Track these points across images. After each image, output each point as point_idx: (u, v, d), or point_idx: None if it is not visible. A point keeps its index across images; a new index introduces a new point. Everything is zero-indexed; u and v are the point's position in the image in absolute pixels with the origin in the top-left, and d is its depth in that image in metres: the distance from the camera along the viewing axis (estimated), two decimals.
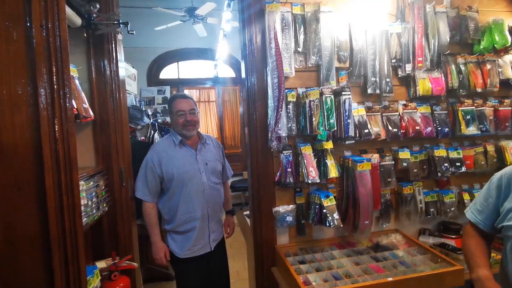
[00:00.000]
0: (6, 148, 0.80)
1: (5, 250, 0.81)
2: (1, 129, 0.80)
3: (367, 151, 1.87)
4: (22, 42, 0.77)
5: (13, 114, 0.81)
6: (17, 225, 0.81)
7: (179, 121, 1.78)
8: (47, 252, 0.80)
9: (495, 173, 1.21)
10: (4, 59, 0.79)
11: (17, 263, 0.82)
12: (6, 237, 0.81)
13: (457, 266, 1.49)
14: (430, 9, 1.86)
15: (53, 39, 0.80)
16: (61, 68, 0.82)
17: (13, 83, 0.78)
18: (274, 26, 1.65)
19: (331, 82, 1.75)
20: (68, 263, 0.81)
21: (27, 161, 0.80)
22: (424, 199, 1.92)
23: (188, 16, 4.07)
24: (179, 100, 1.82)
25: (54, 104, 0.81)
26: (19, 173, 0.81)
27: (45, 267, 0.81)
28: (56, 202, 0.80)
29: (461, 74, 1.91)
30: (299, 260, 1.66)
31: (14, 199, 0.83)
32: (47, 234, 0.80)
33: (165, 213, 1.81)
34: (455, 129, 1.91)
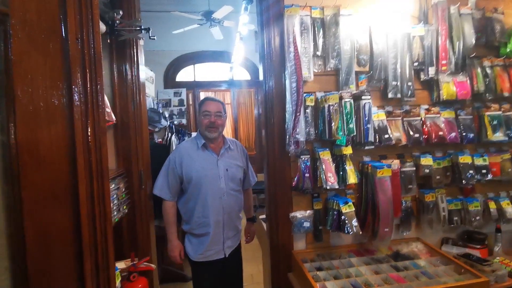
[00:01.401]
0: (43, 159, 0.83)
1: (40, 256, 0.85)
2: (39, 141, 0.83)
3: (387, 156, 1.83)
4: (58, 54, 0.80)
5: (50, 126, 0.84)
6: (52, 232, 0.83)
7: (203, 122, 1.80)
8: (79, 259, 0.82)
9: None
10: (41, 72, 0.82)
11: (51, 268, 0.85)
12: (42, 242, 0.85)
13: (482, 278, 1.43)
14: (455, 10, 1.81)
15: (88, 52, 0.83)
16: (95, 80, 0.85)
17: (49, 95, 0.81)
18: (293, 30, 1.64)
19: (351, 86, 1.72)
20: (99, 270, 0.83)
21: (63, 171, 0.83)
22: (447, 207, 1.85)
23: (205, 20, 4.11)
24: (208, 101, 1.85)
25: (88, 115, 0.83)
26: (55, 183, 0.84)
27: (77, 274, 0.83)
28: (88, 210, 0.82)
29: (487, 78, 1.84)
30: (317, 267, 1.63)
31: (50, 206, 0.86)
32: (80, 241, 0.82)
33: (183, 213, 1.83)
34: (481, 135, 1.84)
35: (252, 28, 4.04)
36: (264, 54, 1.76)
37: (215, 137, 1.82)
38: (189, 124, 6.18)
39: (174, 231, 1.81)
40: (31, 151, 0.83)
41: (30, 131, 0.84)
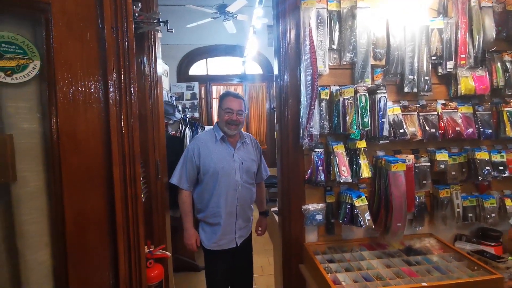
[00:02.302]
0: (79, 142, 0.88)
1: (76, 233, 0.90)
2: (76, 125, 0.88)
3: (401, 151, 1.82)
4: (94, 42, 0.84)
5: (87, 111, 0.88)
6: (87, 211, 0.88)
7: (224, 118, 1.84)
8: (113, 238, 0.87)
9: None
10: (78, 58, 0.86)
11: (87, 245, 0.90)
12: (78, 221, 0.91)
13: (496, 275, 1.42)
14: (475, 3, 1.76)
15: (122, 40, 0.86)
16: (128, 67, 0.88)
17: (87, 81, 0.84)
18: (309, 23, 1.64)
19: (366, 80, 1.71)
20: (131, 249, 0.87)
21: (97, 154, 0.88)
22: (462, 203, 1.83)
23: (219, 13, 4.13)
24: (231, 98, 1.87)
25: (122, 102, 0.87)
26: (91, 165, 0.89)
27: (111, 251, 0.88)
28: (122, 192, 0.87)
29: (508, 73, 1.79)
30: (328, 259, 1.65)
31: (86, 188, 0.91)
32: (113, 221, 0.87)
33: (198, 203, 1.88)
34: (499, 131, 1.80)
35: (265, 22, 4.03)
36: (279, 47, 1.77)
37: (234, 134, 1.86)
38: (201, 118, 6.25)
39: (191, 220, 1.87)
40: (70, 135, 0.87)
41: (69, 116, 0.88)
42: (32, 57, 0.89)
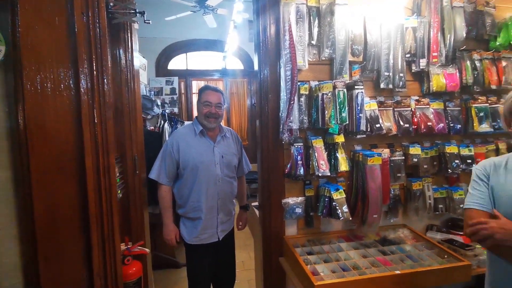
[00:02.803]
0: (49, 131, 0.84)
1: (48, 227, 0.86)
2: (45, 113, 0.83)
3: (377, 145, 1.88)
4: (64, 28, 0.79)
5: (56, 98, 0.83)
6: (59, 204, 0.86)
7: (203, 111, 1.82)
8: (86, 230, 0.84)
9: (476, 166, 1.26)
10: (46, 44, 0.81)
11: (58, 237, 0.86)
12: (49, 214, 0.87)
13: (464, 262, 1.50)
14: (447, 3, 1.84)
15: (93, 26, 0.82)
16: (100, 55, 0.84)
17: (55, 68, 0.80)
18: (289, 18, 1.65)
19: (344, 75, 1.75)
20: (105, 240, 0.85)
21: (68, 143, 0.84)
22: (433, 195, 1.92)
23: (199, 7, 4.06)
24: (209, 91, 1.86)
25: (94, 89, 0.83)
26: (61, 155, 0.86)
27: (84, 244, 0.85)
28: (95, 183, 0.84)
29: (476, 71, 1.89)
30: (307, 251, 1.68)
31: (56, 179, 0.87)
32: (86, 213, 0.84)
33: (178, 198, 1.86)
34: (468, 126, 1.90)
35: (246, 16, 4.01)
36: (259, 42, 1.77)
37: (213, 127, 1.84)
38: (181, 113, 6.14)
39: (170, 215, 1.85)
40: (38, 122, 0.83)
41: (37, 104, 0.84)
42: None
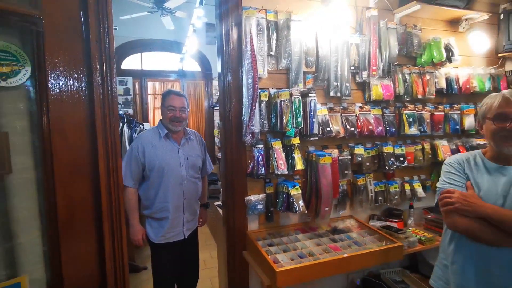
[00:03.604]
0: (69, 138, 1.00)
1: (68, 218, 1.02)
2: (65, 123, 0.96)
3: (328, 146, 2.12)
4: (80, 52, 0.86)
5: (74, 111, 1.00)
6: (77, 199, 0.98)
7: (168, 115, 1.89)
8: (99, 221, 0.92)
9: (448, 161, 1.32)
10: (67, 66, 0.87)
11: (76, 228, 1.01)
12: (69, 208, 1.02)
13: (398, 243, 1.79)
14: (383, 24, 2.15)
15: (104, 51, 0.89)
16: (110, 75, 0.93)
17: (74, 87, 0.91)
18: (250, 30, 1.80)
19: (299, 84, 1.95)
20: (114, 229, 0.92)
21: (84, 148, 0.91)
22: (374, 189, 2.22)
23: (156, 8, 4.02)
24: (173, 96, 1.92)
25: (105, 105, 0.90)
26: (79, 158, 0.97)
27: (97, 232, 0.93)
28: (106, 182, 0.91)
29: (406, 83, 2.23)
30: (268, 243, 1.85)
31: (75, 177, 1.01)
32: (99, 206, 0.92)
33: (144, 199, 1.90)
34: (400, 129, 2.23)
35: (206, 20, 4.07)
36: (222, 48, 1.88)
37: (178, 130, 1.91)
38: (136, 114, 5.96)
39: (137, 216, 1.87)
40: (60, 133, 0.95)
41: (58, 115, 0.98)
42: (23, 63, 1.01)
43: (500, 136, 1.15)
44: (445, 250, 1.32)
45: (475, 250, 1.17)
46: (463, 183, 1.22)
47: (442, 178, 1.29)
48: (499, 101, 1.16)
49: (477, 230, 1.12)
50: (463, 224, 1.14)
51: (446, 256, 1.31)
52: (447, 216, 1.20)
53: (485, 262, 1.16)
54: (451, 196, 1.17)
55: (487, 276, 1.16)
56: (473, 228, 1.12)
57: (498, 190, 1.16)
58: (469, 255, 1.20)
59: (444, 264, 1.32)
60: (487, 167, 1.23)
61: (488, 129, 1.20)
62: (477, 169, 1.24)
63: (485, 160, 1.25)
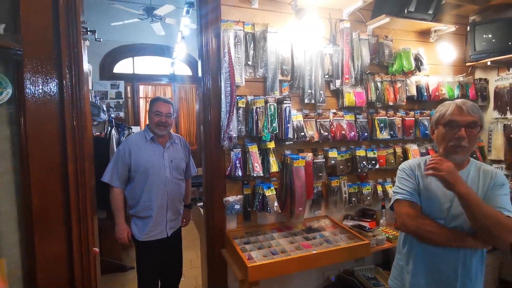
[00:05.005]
0: (44, 145, 1.17)
1: (41, 213, 1.20)
2: (42, 134, 1.09)
3: (304, 150, 2.24)
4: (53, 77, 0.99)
5: (48, 123, 1.17)
6: (49, 196, 1.11)
7: (154, 120, 2.01)
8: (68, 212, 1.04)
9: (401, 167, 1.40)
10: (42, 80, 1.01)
11: (48, 221, 1.17)
12: (43, 204, 1.21)
13: (365, 241, 1.92)
14: (356, 36, 2.29)
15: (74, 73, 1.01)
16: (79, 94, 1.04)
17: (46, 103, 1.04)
18: (228, 42, 1.93)
19: (275, 92, 2.08)
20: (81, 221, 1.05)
21: (55, 151, 1.06)
22: (348, 190, 2.35)
23: (146, 15, 4.14)
24: (160, 102, 2.05)
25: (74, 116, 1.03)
26: (51, 159, 1.12)
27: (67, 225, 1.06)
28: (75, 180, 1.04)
29: (378, 90, 2.38)
30: (245, 242, 1.96)
31: (48, 177, 1.20)
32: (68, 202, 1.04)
33: (130, 199, 2.01)
34: (373, 134, 2.37)
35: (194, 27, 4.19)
36: (202, 58, 2.01)
37: (163, 134, 2.03)
38: (128, 118, 6.05)
39: (122, 215, 1.99)
40: (36, 141, 1.13)
41: (35, 127, 1.18)
42: (5, 86, 1.21)
43: (450, 145, 1.22)
44: (400, 251, 1.41)
45: (425, 250, 1.27)
46: (414, 189, 1.30)
47: (396, 184, 1.39)
48: (452, 108, 1.24)
49: (424, 232, 1.21)
50: (412, 225, 1.24)
51: (401, 256, 1.40)
52: (398, 218, 1.30)
53: (434, 262, 1.26)
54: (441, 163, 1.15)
55: (437, 275, 1.26)
56: (421, 230, 1.22)
57: (445, 194, 1.24)
58: (420, 255, 1.29)
59: (400, 264, 1.41)
60: None
61: (439, 134, 1.28)
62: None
63: None
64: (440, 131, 1.27)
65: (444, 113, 1.27)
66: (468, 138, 1.20)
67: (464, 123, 1.20)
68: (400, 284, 1.39)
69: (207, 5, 1.98)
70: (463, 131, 1.20)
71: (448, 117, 1.24)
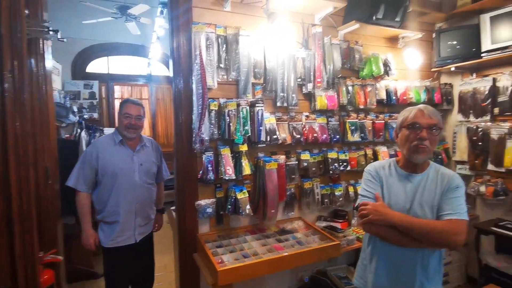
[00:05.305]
0: None
1: None
2: None
3: (277, 153, 2.26)
4: None
5: None
6: None
7: (124, 122, 1.95)
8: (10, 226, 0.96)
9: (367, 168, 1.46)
10: None
11: None
12: None
13: (336, 242, 1.95)
14: (328, 40, 2.34)
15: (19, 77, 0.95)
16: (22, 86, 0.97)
17: None
18: (199, 45, 1.91)
19: (248, 95, 2.08)
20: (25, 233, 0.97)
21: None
22: (321, 192, 2.39)
23: (120, 14, 4.03)
24: (130, 104, 1.99)
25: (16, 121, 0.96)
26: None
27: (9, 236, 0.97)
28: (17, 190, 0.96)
29: (349, 94, 2.44)
30: (217, 245, 1.95)
31: None
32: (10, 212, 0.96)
33: (97, 204, 1.94)
34: (344, 137, 2.43)
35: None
36: (174, 61, 1.98)
37: (133, 137, 1.98)
38: (102, 119, 5.86)
39: (89, 221, 1.91)
40: None
41: None
42: None
43: (412, 145, 1.29)
44: (365, 250, 1.47)
45: (387, 250, 1.33)
46: (378, 189, 1.37)
47: (362, 185, 1.44)
48: (415, 112, 1.32)
49: (385, 233, 1.28)
50: (375, 228, 1.30)
51: (365, 256, 1.45)
52: (363, 223, 1.33)
53: (394, 261, 1.32)
54: (365, 208, 1.29)
55: (397, 275, 1.32)
56: (382, 231, 1.28)
57: (406, 195, 1.32)
58: (382, 255, 1.35)
59: (364, 264, 1.46)
60: (399, 174, 1.38)
61: (402, 136, 1.34)
62: (391, 175, 1.40)
63: (397, 168, 1.41)
64: (404, 133, 1.34)
65: (407, 117, 1.34)
66: (429, 140, 1.28)
67: (426, 125, 1.28)
68: (364, 283, 1.44)
69: (178, 7, 1.96)
70: (425, 132, 1.27)
71: (411, 120, 1.31)
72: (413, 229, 1.21)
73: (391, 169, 1.42)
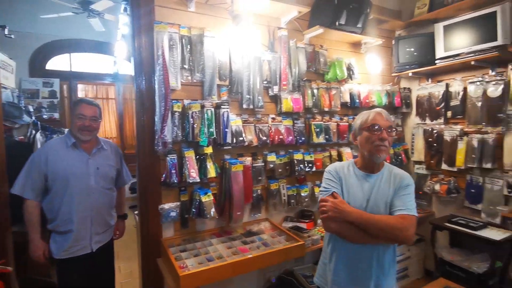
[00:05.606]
0: None
1: None
2: None
3: (244, 155, 2.26)
4: None
5: None
6: None
7: (77, 124, 1.82)
8: None
9: (328, 169, 1.52)
10: None
11: None
12: None
13: (300, 242, 1.99)
14: (293, 44, 2.38)
15: None
16: None
17: None
18: (162, 44, 1.86)
19: (213, 96, 2.06)
20: None
21: None
22: (287, 193, 2.43)
23: (82, 9, 3.84)
24: (84, 104, 1.86)
25: None
26: None
27: None
28: None
29: (314, 96, 2.49)
30: (181, 249, 1.91)
31: None
32: None
33: (48, 213, 1.80)
34: (310, 138, 2.48)
35: None
36: (136, 59, 1.91)
37: (88, 139, 1.87)
38: (64, 119, 5.54)
39: (37, 231, 1.76)
40: None
41: None
42: None
43: (374, 145, 1.35)
44: (325, 250, 1.52)
45: (345, 248, 1.39)
46: (338, 189, 1.42)
47: (322, 184, 1.49)
48: (373, 115, 1.39)
49: (343, 231, 1.33)
50: (334, 226, 1.35)
51: (326, 255, 1.50)
52: (323, 220, 1.38)
53: (352, 258, 1.38)
54: (325, 205, 1.34)
55: (355, 271, 1.37)
56: (341, 229, 1.33)
57: (363, 194, 1.39)
58: (341, 253, 1.41)
59: (324, 262, 1.51)
60: (356, 174, 1.45)
61: (363, 138, 1.40)
62: (349, 175, 1.46)
63: (355, 168, 1.47)
64: (364, 135, 1.40)
65: (366, 119, 1.41)
66: (388, 140, 1.36)
67: (385, 126, 1.36)
68: (324, 281, 1.48)
69: (140, 6, 1.90)
70: (385, 132, 1.35)
71: (371, 122, 1.38)
72: (369, 224, 1.27)
73: (350, 170, 1.48)
